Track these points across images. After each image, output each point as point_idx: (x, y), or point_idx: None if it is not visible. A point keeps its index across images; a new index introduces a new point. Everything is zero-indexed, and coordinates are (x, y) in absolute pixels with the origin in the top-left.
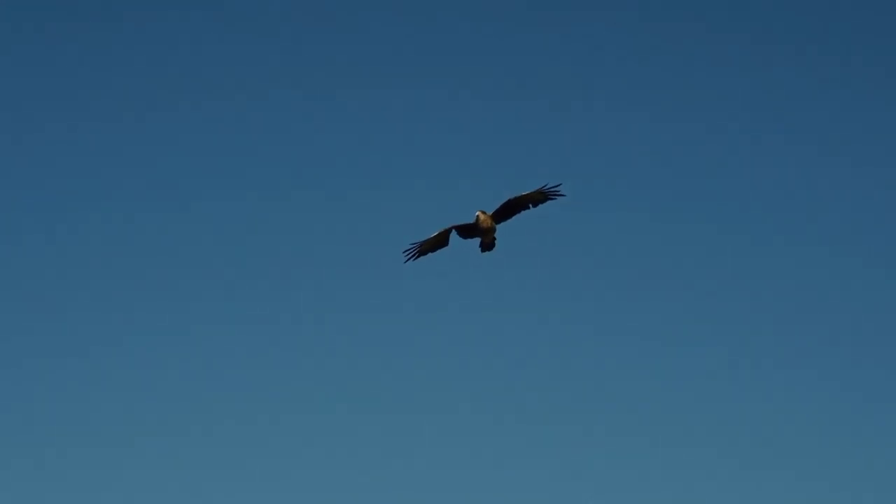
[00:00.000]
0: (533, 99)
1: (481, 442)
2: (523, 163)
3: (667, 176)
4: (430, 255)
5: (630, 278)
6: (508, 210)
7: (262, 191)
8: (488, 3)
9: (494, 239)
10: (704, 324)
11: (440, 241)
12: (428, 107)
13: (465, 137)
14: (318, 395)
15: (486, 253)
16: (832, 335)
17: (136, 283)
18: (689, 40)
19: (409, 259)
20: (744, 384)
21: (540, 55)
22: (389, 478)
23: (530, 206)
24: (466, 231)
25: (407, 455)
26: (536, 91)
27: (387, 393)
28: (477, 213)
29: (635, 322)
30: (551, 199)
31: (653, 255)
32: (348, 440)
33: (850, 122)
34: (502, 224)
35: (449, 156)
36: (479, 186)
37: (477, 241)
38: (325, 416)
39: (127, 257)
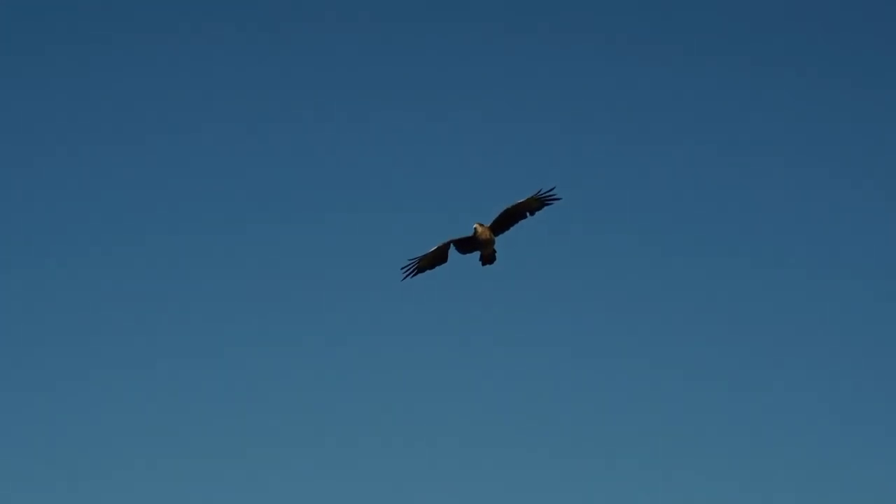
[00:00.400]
0: (528, 120)
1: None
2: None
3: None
4: (427, 272)
5: (630, 298)
6: (506, 220)
7: (257, 213)
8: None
9: (494, 251)
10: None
11: (439, 256)
12: (421, 124)
13: (456, 156)
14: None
15: (487, 266)
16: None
17: (130, 307)
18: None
19: (407, 276)
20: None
21: (530, 74)
22: None
23: (528, 214)
24: (465, 245)
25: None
26: (530, 110)
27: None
28: (475, 226)
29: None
30: (548, 204)
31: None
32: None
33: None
34: (502, 236)
35: (443, 173)
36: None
37: (475, 255)
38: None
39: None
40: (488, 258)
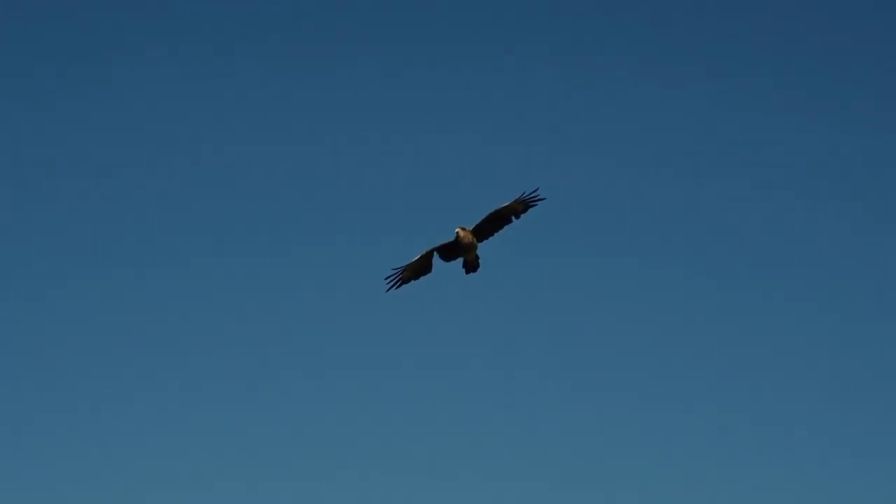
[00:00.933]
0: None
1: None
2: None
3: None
4: (413, 283)
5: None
6: (491, 224)
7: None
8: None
9: (478, 258)
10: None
11: (422, 265)
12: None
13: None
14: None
15: (472, 274)
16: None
17: (126, 339)
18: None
19: (391, 287)
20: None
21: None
22: None
23: (513, 218)
24: (448, 251)
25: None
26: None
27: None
28: (456, 230)
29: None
30: (532, 206)
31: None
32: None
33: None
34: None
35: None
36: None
37: (458, 263)
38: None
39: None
40: (471, 265)
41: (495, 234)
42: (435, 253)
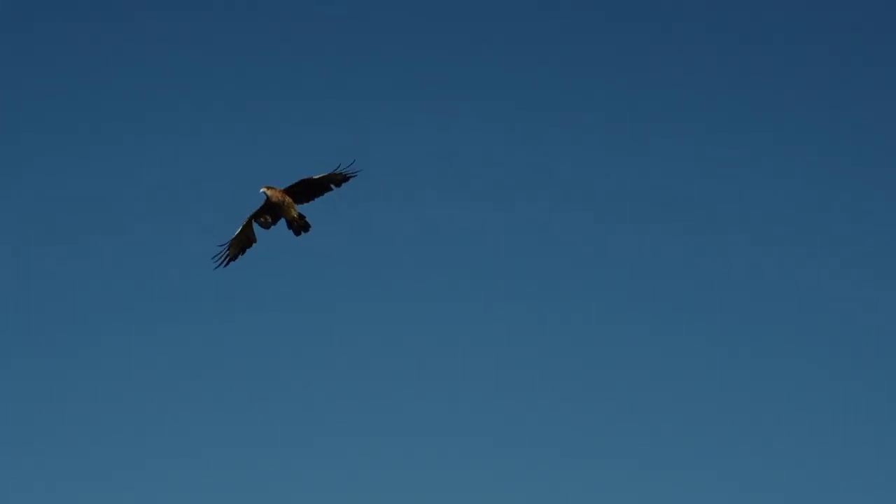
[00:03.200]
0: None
1: None
2: None
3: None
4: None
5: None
6: (306, 190)
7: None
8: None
9: (303, 218)
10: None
11: (245, 236)
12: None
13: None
14: None
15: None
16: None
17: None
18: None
19: (220, 265)
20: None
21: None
22: None
23: (332, 187)
24: (266, 215)
25: None
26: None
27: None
28: (261, 190)
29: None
30: (348, 179)
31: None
32: None
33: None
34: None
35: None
36: None
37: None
38: None
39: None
40: (297, 224)
41: (315, 200)
42: (253, 221)
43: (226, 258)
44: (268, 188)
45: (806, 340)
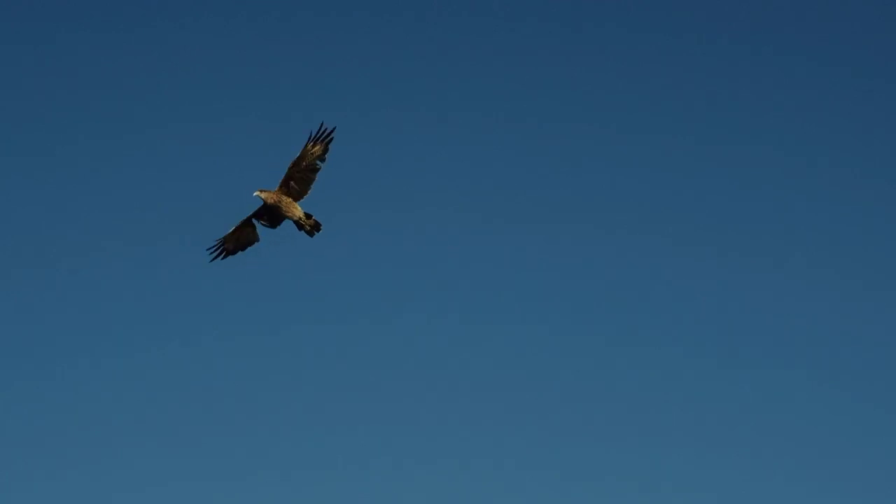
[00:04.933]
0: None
1: None
2: None
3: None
4: (239, 255)
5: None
6: (298, 178)
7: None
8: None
9: (311, 217)
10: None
11: (243, 234)
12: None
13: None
14: None
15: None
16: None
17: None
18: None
19: (215, 258)
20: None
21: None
22: None
23: (319, 163)
24: (267, 216)
25: None
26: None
27: None
28: (255, 193)
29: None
30: (327, 141)
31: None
32: None
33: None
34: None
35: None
36: None
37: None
38: None
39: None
40: (307, 225)
41: (312, 186)
42: (254, 221)
43: (221, 251)
44: (261, 191)
45: (805, 352)
